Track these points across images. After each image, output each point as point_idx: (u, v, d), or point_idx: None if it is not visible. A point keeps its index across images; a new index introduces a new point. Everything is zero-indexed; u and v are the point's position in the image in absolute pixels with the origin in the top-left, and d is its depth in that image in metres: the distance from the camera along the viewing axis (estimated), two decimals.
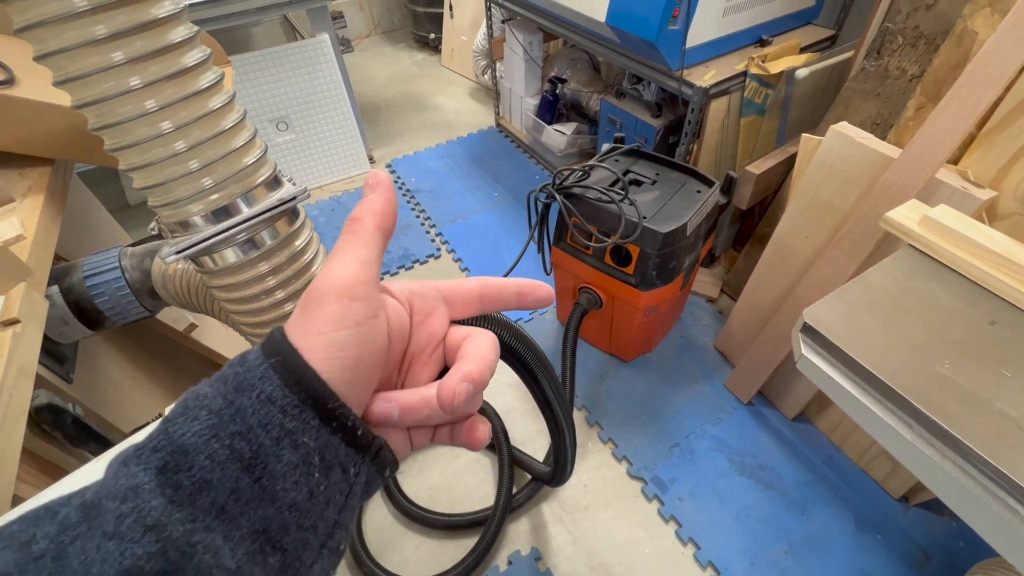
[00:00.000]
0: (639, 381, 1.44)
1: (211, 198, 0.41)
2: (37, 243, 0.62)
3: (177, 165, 0.39)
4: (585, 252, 1.26)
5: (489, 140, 2.46)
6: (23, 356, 0.51)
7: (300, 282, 0.49)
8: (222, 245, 0.43)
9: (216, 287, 0.47)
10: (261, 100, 1.91)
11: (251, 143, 0.45)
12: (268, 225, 0.46)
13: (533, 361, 0.56)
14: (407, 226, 1.99)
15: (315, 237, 0.52)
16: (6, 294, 0.55)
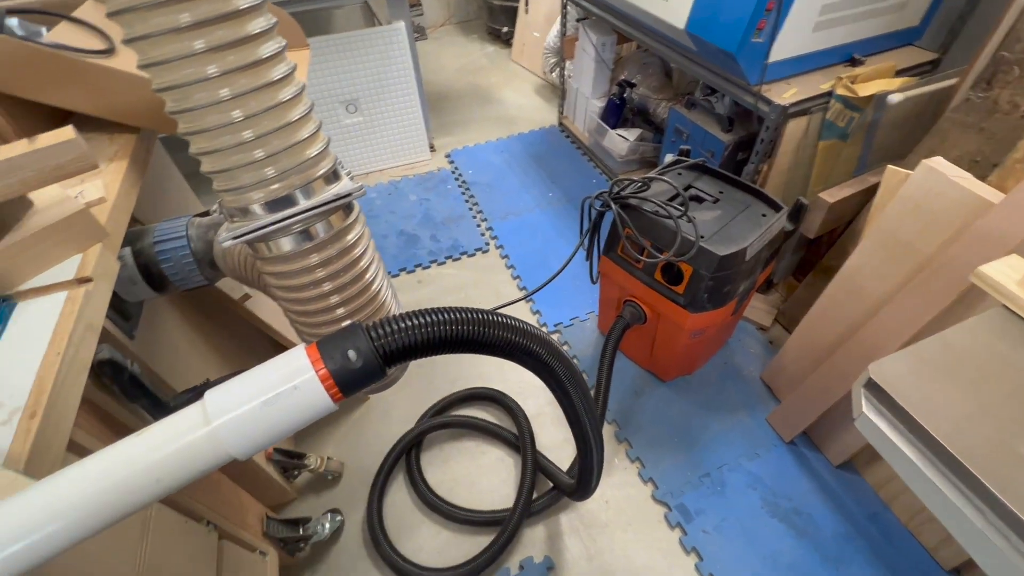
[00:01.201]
0: (676, 403, 1.39)
1: (272, 187, 0.42)
2: (116, 207, 0.66)
3: (243, 153, 0.41)
4: (635, 265, 1.23)
5: (550, 139, 2.44)
6: (91, 313, 0.55)
7: (349, 276, 0.49)
8: (277, 234, 0.44)
9: (268, 273, 0.49)
10: (334, 82, 1.97)
11: (315, 136, 0.46)
12: (323, 218, 0.47)
13: (567, 376, 0.55)
14: (459, 217, 2.01)
15: (367, 233, 0.53)
16: (83, 253, 0.59)
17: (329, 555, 1.15)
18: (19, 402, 0.45)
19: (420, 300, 1.70)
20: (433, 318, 0.37)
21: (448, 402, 1.39)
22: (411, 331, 0.36)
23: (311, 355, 0.33)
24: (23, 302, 0.54)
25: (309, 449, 1.29)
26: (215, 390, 0.32)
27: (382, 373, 0.35)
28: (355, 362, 0.34)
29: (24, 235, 0.55)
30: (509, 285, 1.75)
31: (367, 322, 0.36)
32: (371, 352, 0.34)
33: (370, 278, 0.52)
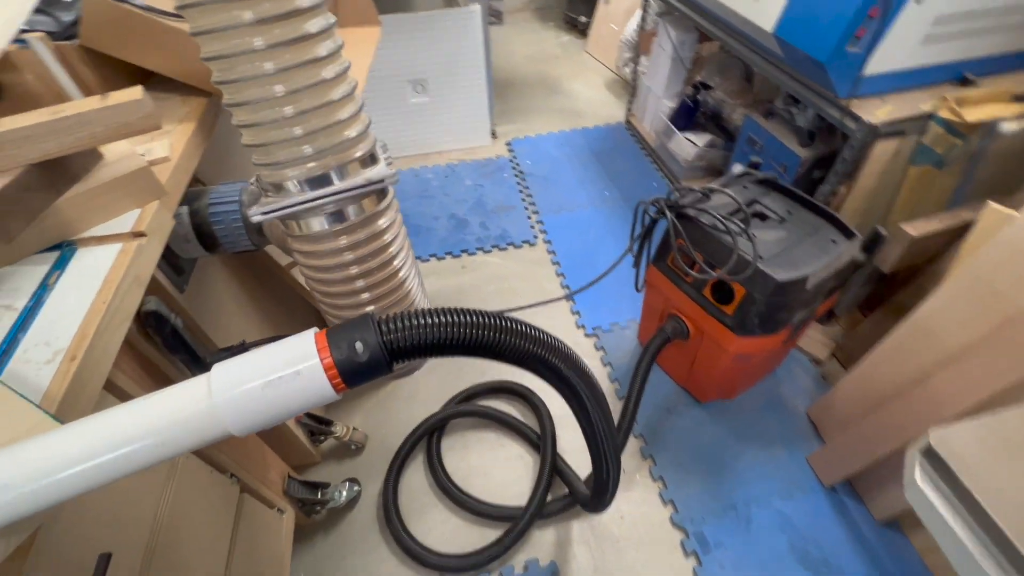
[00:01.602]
0: (709, 426, 1.33)
1: (308, 166, 0.42)
2: (178, 167, 0.69)
3: (282, 129, 0.41)
4: (684, 279, 1.17)
5: (615, 136, 2.37)
6: (141, 266, 0.57)
7: (377, 261, 0.49)
8: (307, 213, 0.45)
9: (297, 251, 0.50)
10: (404, 60, 1.99)
11: (356, 117, 0.46)
12: (354, 201, 0.46)
13: (587, 394, 0.53)
14: (511, 207, 2.00)
15: (399, 220, 0.53)
16: (142, 208, 0.62)
17: (343, 522, 1.18)
18: (63, 344, 0.47)
19: (461, 286, 1.71)
20: (448, 319, 0.36)
21: (475, 391, 1.39)
22: (423, 329, 0.34)
23: (319, 342, 0.33)
24: (83, 248, 0.58)
25: (338, 417, 1.33)
26: (222, 365, 0.32)
27: (388, 369, 0.35)
28: (361, 355, 0.33)
29: (91, 186, 0.58)
30: (552, 281, 1.72)
31: (381, 315, 0.35)
32: (378, 347, 0.33)
33: (398, 265, 0.52)
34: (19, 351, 0.47)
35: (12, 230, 0.51)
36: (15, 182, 0.51)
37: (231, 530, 0.82)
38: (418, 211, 1.99)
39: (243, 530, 0.85)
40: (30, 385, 0.44)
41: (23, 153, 0.51)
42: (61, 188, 0.56)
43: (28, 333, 0.49)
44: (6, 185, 0.50)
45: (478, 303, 1.63)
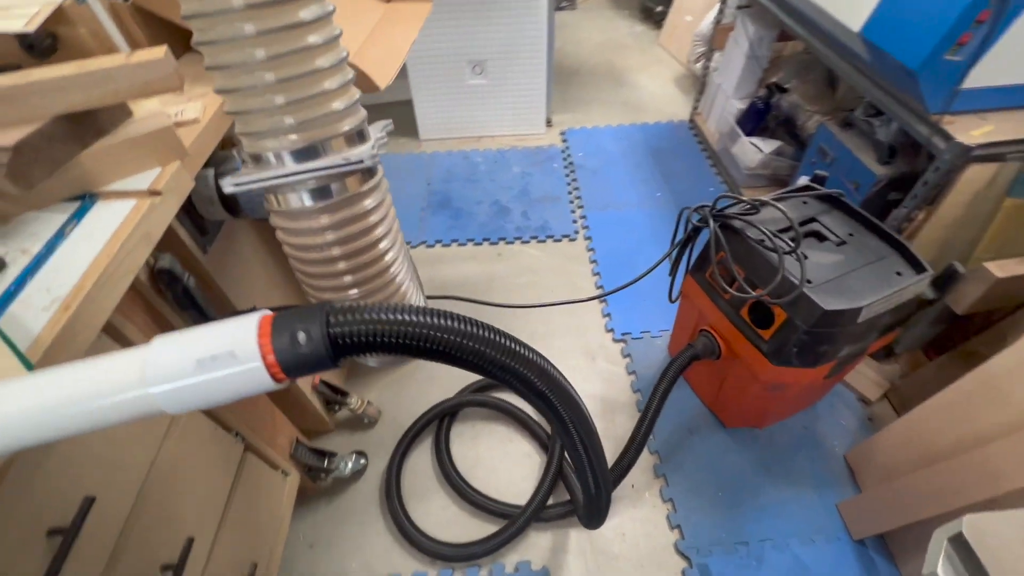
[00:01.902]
0: (732, 454, 1.24)
1: (289, 138, 0.41)
2: (206, 130, 0.70)
3: (262, 96, 0.39)
4: (721, 295, 1.09)
5: (676, 134, 2.25)
6: (152, 224, 0.59)
7: (360, 244, 0.47)
8: (285, 188, 0.43)
9: (278, 226, 0.48)
10: (466, 40, 1.96)
11: (344, 89, 0.43)
12: (336, 180, 0.44)
13: (567, 413, 0.49)
14: (555, 199, 1.94)
15: (387, 201, 0.50)
16: (163, 167, 0.63)
17: (346, 492, 1.21)
18: (62, 293, 0.49)
19: (493, 274, 1.68)
20: (406, 318, 0.33)
21: (492, 383, 1.37)
22: (374, 326, 0.32)
23: (262, 327, 0.31)
24: (103, 201, 0.59)
25: (354, 389, 1.35)
26: (165, 336, 0.31)
27: (332, 364, 0.32)
28: (303, 346, 0.31)
29: (116, 141, 0.60)
30: (587, 279, 1.66)
31: (336, 305, 0.33)
32: (322, 339, 0.31)
33: (384, 249, 0.50)
34: (23, 294, 0.49)
35: (34, 178, 0.52)
36: (40, 131, 0.52)
37: (230, 487, 0.85)
38: (462, 194, 1.97)
39: (243, 488, 0.88)
40: (24, 329, 0.46)
41: (50, 103, 0.53)
42: (87, 141, 0.58)
43: (35, 278, 0.51)
44: (31, 134, 0.52)
45: (508, 294, 1.61)
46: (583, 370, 1.42)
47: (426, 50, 1.99)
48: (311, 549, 1.13)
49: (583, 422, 0.52)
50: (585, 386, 1.39)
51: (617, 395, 1.37)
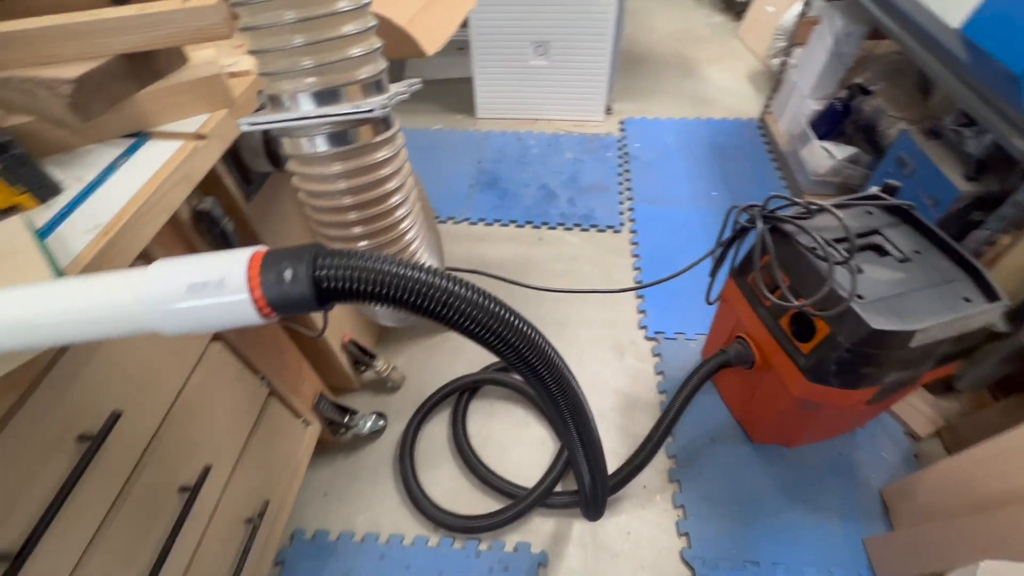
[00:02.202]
0: (754, 469, 1.19)
1: (306, 80, 0.41)
2: (256, 82, 0.73)
3: (282, 36, 0.40)
4: (761, 301, 1.03)
5: (741, 133, 2.13)
6: (193, 166, 0.62)
7: (371, 195, 0.48)
8: (297, 132, 0.44)
9: (293, 170, 0.49)
10: (530, 19, 1.93)
11: (364, 36, 0.43)
12: (345, 127, 0.44)
13: (551, 380, 0.47)
14: (604, 189, 1.90)
15: (403, 154, 0.50)
16: (211, 113, 0.66)
17: (362, 450, 1.25)
18: (103, 220, 0.52)
19: (530, 257, 1.67)
20: (395, 269, 0.33)
21: None
22: (360, 273, 0.32)
23: (253, 260, 0.32)
24: (154, 140, 0.63)
25: (383, 353, 1.39)
26: (164, 260, 0.33)
27: (316, 306, 0.33)
28: (288, 284, 0.31)
29: (170, 84, 0.63)
30: (626, 273, 1.62)
31: (332, 247, 0.33)
32: (307, 280, 0.32)
33: (395, 203, 0.50)
34: (72, 217, 0.53)
35: (93, 111, 0.56)
36: (101, 68, 0.56)
37: (251, 426, 0.89)
38: (511, 175, 1.97)
39: (263, 429, 0.93)
40: (67, 247, 0.49)
41: (111, 43, 0.56)
42: (145, 81, 0.62)
43: (85, 203, 0.55)
44: (93, 69, 0.55)
45: (543, 279, 1.59)
46: (610, 364, 1.40)
47: (491, 27, 1.97)
48: (324, 497, 1.18)
49: (575, 403, 0.51)
50: (610, 380, 1.36)
51: (641, 393, 1.33)
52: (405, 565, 1.07)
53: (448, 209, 1.82)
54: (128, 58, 0.58)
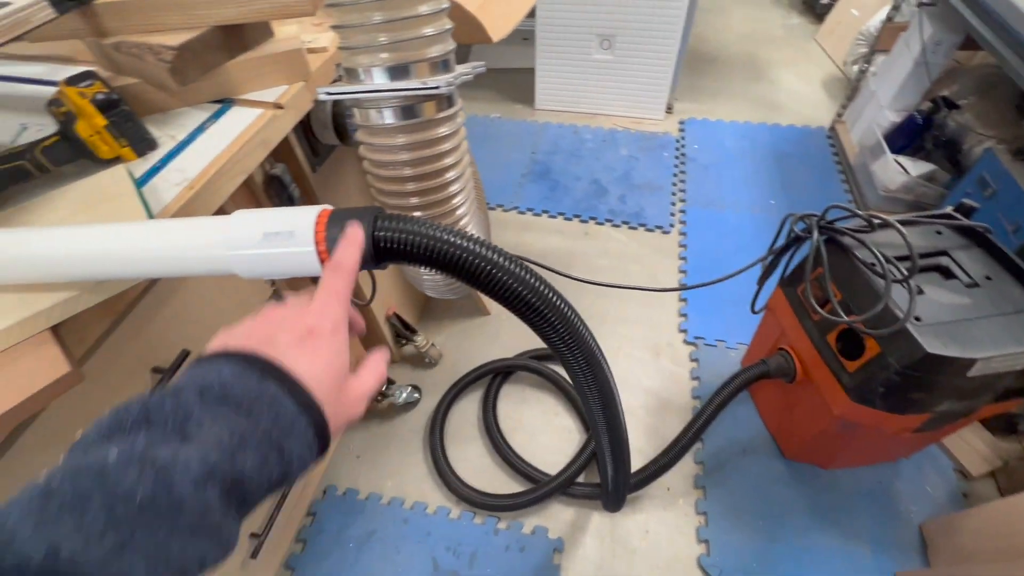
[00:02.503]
0: (785, 486, 1.16)
1: (380, 56, 0.44)
2: (331, 59, 0.78)
3: (363, 13, 0.42)
4: (809, 314, 0.99)
5: (810, 141, 2.04)
6: (269, 133, 0.67)
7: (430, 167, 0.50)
8: (368, 104, 0.47)
9: (361, 142, 0.53)
10: (599, 12, 1.92)
11: (437, 16, 0.45)
12: (412, 102, 0.47)
13: (583, 360, 0.48)
14: (658, 188, 1.87)
15: (461, 132, 0.52)
16: (289, 85, 0.71)
17: (395, 419, 1.31)
18: (190, 176, 0.58)
19: (574, 250, 1.68)
20: (446, 237, 0.35)
21: (551, 353, 1.39)
22: (414, 237, 0.35)
23: (320, 216, 0.35)
24: (238, 107, 0.69)
25: (424, 330, 1.44)
26: (245, 210, 0.37)
27: (372, 263, 0.36)
28: None
29: (256, 56, 0.68)
30: (671, 275, 1.60)
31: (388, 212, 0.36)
32: (367, 239, 0.35)
33: (450, 178, 0.52)
34: (165, 170, 0.59)
35: (189, 77, 0.62)
36: (199, 38, 0.61)
37: None
38: (563, 168, 1.97)
39: None
40: (158, 196, 0.55)
41: (210, 15, 0.61)
42: (234, 52, 0.67)
43: (176, 160, 0.60)
44: (192, 39, 0.61)
45: (586, 272, 1.59)
46: (645, 363, 1.39)
47: (557, 18, 1.97)
48: (357, 459, 1.24)
49: (604, 387, 0.52)
50: (643, 379, 1.36)
51: (674, 396, 1.32)
52: (426, 532, 1.12)
53: (498, 197, 1.85)
54: (223, 30, 0.64)
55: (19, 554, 0.18)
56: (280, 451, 0.26)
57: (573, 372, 0.48)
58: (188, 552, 0.22)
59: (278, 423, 0.26)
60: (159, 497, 0.21)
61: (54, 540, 0.19)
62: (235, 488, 0.24)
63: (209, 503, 0.23)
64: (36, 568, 0.18)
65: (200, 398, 0.26)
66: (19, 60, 0.79)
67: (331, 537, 1.12)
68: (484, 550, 1.09)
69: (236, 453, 0.24)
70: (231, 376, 0.27)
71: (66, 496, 0.20)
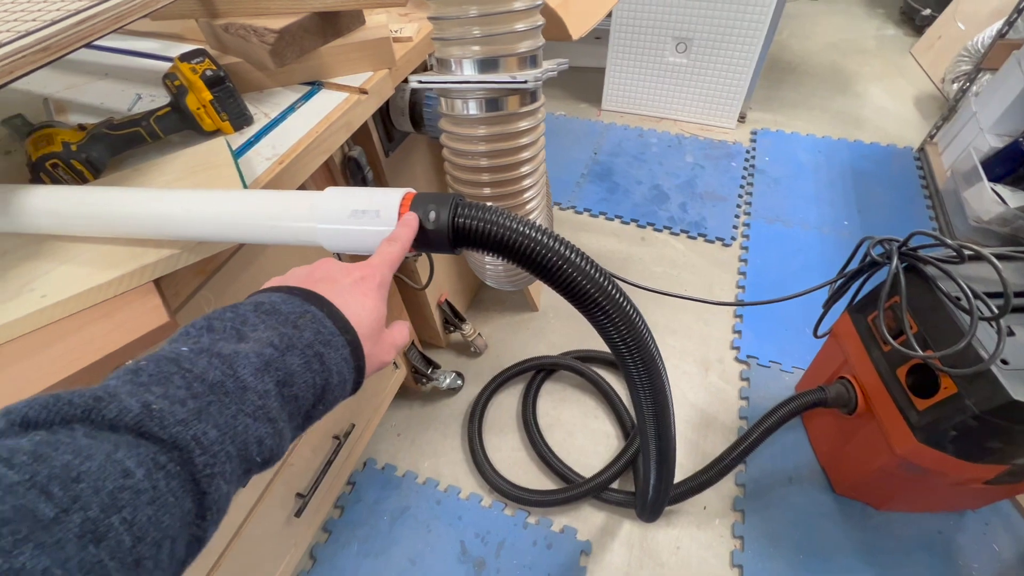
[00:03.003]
0: (831, 522, 1.10)
1: (472, 48, 0.45)
2: (415, 48, 0.80)
3: (460, 6, 0.44)
4: (879, 344, 0.94)
5: (894, 161, 1.91)
6: (352, 117, 0.70)
7: (506, 160, 0.51)
8: (455, 94, 0.48)
9: (444, 128, 0.54)
10: (677, 14, 1.87)
11: (529, 13, 0.46)
12: (496, 95, 0.48)
13: (642, 364, 0.48)
14: (722, 199, 1.81)
15: (540, 128, 0.53)
16: (374, 72, 0.74)
17: (438, 403, 1.34)
18: (280, 151, 0.62)
19: (629, 255, 1.65)
20: (522, 228, 0.36)
21: (596, 356, 1.38)
22: (491, 227, 0.36)
23: (405, 198, 0.37)
24: (326, 90, 0.72)
25: (472, 319, 1.47)
26: (336, 188, 0.39)
27: (448, 248, 0.37)
28: (430, 223, 0.36)
29: (347, 42, 0.72)
30: (728, 289, 1.55)
31: (468, 200, 0.38)
32: (446, 223, 0.36)
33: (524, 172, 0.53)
34: (258, 145, 0.63)
35: (287, 59, 0.66)
36: (299, 23, 0.65)
37: None
38: (625, 170, 1.94)
39: None
40: (251, 168, 0.59)
41: (309, 1, 0.65)
42: (328, 38, 0.71)
43: (268, 136, 0.65)
44: (293, 23, 0.65)
45: (639, 278, 1.57)
46: (692, 377, 1.36)
47: (633, 19, 1.94)
48: (398, 437, 1.29)
49: (659, 393, 0.51)
50: (688, 393, 1.32)
51: (719, 414, 1.28)
52: (457, 516, 1.14)
53: (556, 194, 1.85)
54: (321, 16, 0.67)
55: (122, 406, 0.22)
56: (321, 359, 0.30)
57: (629, 373, 0.48)
58: (250, 431, 0.25)
59: (319, 336, 0.30)
60: (227, 380, 0.25)
61: (147, 399, 0.23)
62: (286, 385, 0.28)
63: (268, 391, 0.27)
64: (134, 416, 0.22)
65: (254, 310, 0.30)
66: (138, 36, 0.87)
67: (367, 507, 1.16)
68: (512, 541, 1.11)
69: (285, 353, 0.28)
70: (280, 299, 0.31)
71: (152, 372, 0.25)
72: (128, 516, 0.20)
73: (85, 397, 0.22)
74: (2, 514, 0.17)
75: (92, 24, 0.45)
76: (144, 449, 0.22)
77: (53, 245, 0.47)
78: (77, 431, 0.21)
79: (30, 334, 0.42)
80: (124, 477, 0.20)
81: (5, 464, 0.18)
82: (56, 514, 0.18)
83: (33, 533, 0.17)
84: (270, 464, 0.28)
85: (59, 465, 0.19)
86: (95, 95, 0.73)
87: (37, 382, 0.39)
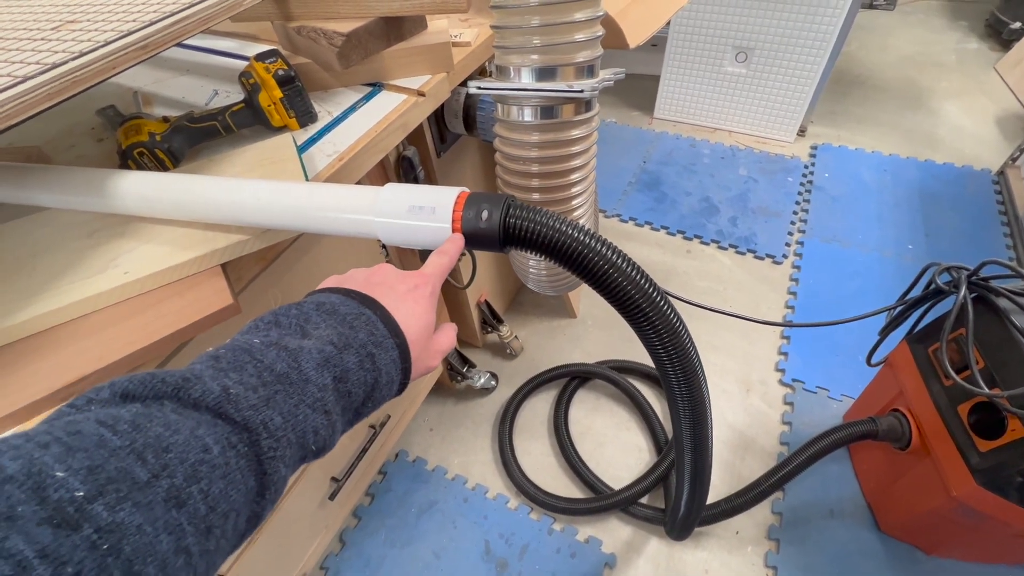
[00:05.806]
0: (874, 562, 1.04)
1: (531, 56, 0.46)
2: (473, 53, 0.82)
3: (523, 16, 0.45)
4: (940, 378, 0.88)
5: (969, 183, 1.79)
6: (409, 118, 0.72)
7: (557, 167, 0.51)
8: (511, 101, 0.49)
9: (498, 133, 0.55)
10: (738, 23, 1.83)
11: (589, 24, 0.46)
12: (552, 103, 0.48)
13: (684, 397, 0.47)
14: (775, 214, 1.75)
15: (593, 137, 0.53)
16: (432, 75, 0.77)
17: (471, 402, 1.36)
18: (340, 149, 0.65)
19: (672, 267, 1.62)
20: (571, 232, 0.37)
21: (633, 366, 1.36)
22: (542, 228, 0.36)
23: (459, 197, 0.38)
24: (386, 92, 0.75)
25: (510, 322, 1.48)
26: (395, 184, 0.41)
27: (499, 246, 0.38)
28: (482, 222, 0.37)
29: (408, 46, 0.74)
30: (776, 309, 1.49)
31: (521, 201, 0.38)
32: (497, 223, 0.37)
33: (574, 180, 0.53)
34: (321, 142, 0.66)
35: (352, 61, 0.69)
36: (365, 27, 0.68)
37: None
38: (674, 181, 1.91)
39: None
40: (313, 164, 0.62)
41: (377, 7, 0.68)
42: (391, 41, 0.73)
43: (330, 133, 0.68)
44: (359, 27, 0.68)
45: (682, 291, 1.54)
46: (732, 397, 1.31)
47: (692, 27, 1.91)
48: (430, 432, 1.31)
49: (699, 407, 0.50)
50: (727, 413, 1.29)
51: (759, 437, 1.24)
52: (483, 515, 1.15)
53: (602, 201, 1.84)
54: (386, 21, 0.70)
55: (205, 387, 0.25)
56: (372, 359, 0.32)
57: (669, 384, 0.47)
58: (309, 421, 0.28)
59: (372, 338, 0.32)
60: (292, 372, 0.28)
61: (225, 383, 0.26)
62: (342, 381, 0.30)
63: (326, 384, 0.29)
64: (215, 397, 0.25)
65: (316, 310, 0.33)
66: (216, 35, 0.93)
67: (397, 498, 1.19)
68: (535, 546, 1.10)
69: (343, 352, 0.31)
70: (339, 301, 0.34)
71: (229, 360, 0.27)
72: (204, 487, 0.22)
73: (175, 377, 0.25)
74: (108, 473, 0.19)
75: (184, 25, 0.48)
76: (220, 429, 0.24)
77: (137, 226, 0.51)
78: (167, 407, 0.24)
79: (114, 306, 0.46)
80: (204, 452, 0.23)
81: (110, 430, 0.21)
82: (148, 478, 0.20)
83: (131, 493, 0.20)
84: (322, 454, 0.30)
85: (152, 436, 0.22)
86: (177, 89, 0.79)
87: (118, 351, 0.43)
